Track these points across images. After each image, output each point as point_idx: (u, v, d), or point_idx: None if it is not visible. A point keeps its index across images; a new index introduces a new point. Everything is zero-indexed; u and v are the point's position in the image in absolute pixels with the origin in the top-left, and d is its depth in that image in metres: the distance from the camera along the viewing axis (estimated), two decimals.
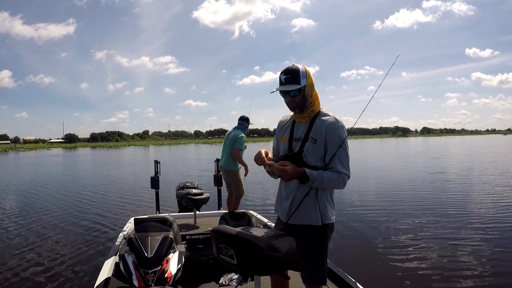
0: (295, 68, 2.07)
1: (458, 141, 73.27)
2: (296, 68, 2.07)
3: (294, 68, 2.07)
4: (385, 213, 8.40)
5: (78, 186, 14.99)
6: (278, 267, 1.81)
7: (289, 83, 2.07)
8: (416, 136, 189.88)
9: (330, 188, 2.11)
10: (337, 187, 2.08)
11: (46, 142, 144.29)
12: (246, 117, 5.71)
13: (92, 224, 7.91)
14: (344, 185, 2.07)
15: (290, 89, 2.06)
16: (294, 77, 2.06)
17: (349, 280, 2.90)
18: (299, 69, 2.07)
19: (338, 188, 2.10)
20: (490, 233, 6.51)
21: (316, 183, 2.02)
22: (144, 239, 3.28)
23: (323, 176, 2.01)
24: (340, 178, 2.04)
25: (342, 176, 2.04)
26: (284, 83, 2.08)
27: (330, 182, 2.03)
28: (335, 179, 2.03)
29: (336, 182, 2.04)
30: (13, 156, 49.87)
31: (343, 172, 2.05)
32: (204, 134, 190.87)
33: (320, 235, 2.13)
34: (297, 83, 2.06)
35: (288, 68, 2.09)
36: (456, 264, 5.07)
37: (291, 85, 2.06)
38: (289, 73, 2.06)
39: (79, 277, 4.86)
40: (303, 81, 2.07)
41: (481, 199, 9.99)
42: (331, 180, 2.02)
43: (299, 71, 2.06)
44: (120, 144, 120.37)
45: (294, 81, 2.06)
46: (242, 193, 5.62)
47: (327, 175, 2.02)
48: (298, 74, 2.05)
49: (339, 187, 2.07)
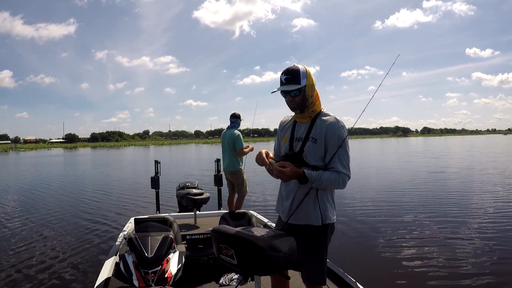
0: (295, 68, 2.09)
1: (459, 141, 73.24)
2: (297, 68, 2.09)
3: (294, 68, 2.09)
4: (385, 213, 8.40)
5: (78, 186, 15.00)
6: (278, 267, 1.81)
7: (290, 83, 2.08)
8: (416, 136, 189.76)
9: (330, 188, 2.11)
10: (337, 187, 2.08)
11: (46, 142, 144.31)
12: (237, 114, 5.72)
13: (92, 224, 7.91)
14: (344, 185, 2.06)
15: (290, 89, 2.07)
16: (294, 77, 2.07)
17: (349, 280, 2.89)
18: (300, 70, 2.08)
19: (338, 188, 2.09)
20: (491, 233, 6.50)
21: (316, 184, 2.01)
22: (144, 239, 3.28)
23: (322, 177, 2.01)
24: (340, 178, 2.04)
25: (342, 176, 2.04)
26: (284, 83, 2.10)
27: (329, 183, 2.02)
28: (335, 179, 2.03)
29: (336, 182, 2.03)
30: (13, 156, 49.90)
31: (343, 172, 2.04)
32: (204, 134, 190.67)
33: (320, 235, 2.13)
34: (297, 83, 2.07)
35: (288, 69, 2.10)
36: (457, 264, 5.07)
37: (291, 85, 2.07)
38: (290, 73, 2.08)
39: (79, 276, 4.86)
40: (303, 81, 2.08)
41: (482, 199, 9.98)
42: (330, 181, 2.02)
43: (299, 72, 2.07)
44: (121, 144, 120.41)
45: (295, 81, 2.07)
46: (246, 192, 5.66)
47: (326, 175, 2.02)
48: (299, 74, 2.07)
49: (339, 187, 2.07)
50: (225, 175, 5.79)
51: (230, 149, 5.53)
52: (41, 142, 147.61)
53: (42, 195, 12.58)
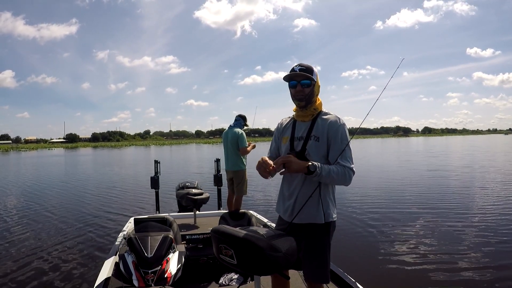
0: (309, 65, 2.18)
1: (459, 141, 73.12)
2: (310, 65, 2.18)
3: (308, 65, 2.18)
4: (386, 213, 8.37)
5: (78, 186, 14.99)
6: (278, 267, 1.81)
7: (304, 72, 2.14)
8: (417, 136, 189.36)
9: (336, 182, 2.08)
10: (343, 181, 2.05)
11: (47, 142, 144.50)
12: (244, 115, 5.70)
13: (92, 224, 7.90)
14: (349, 179, 2.05)
15: (305, 75, 2.12)
16: (308, 70, 2.15)
17: (349, 280, 2.89)
18: (313, 67, 2.18)
19: (344, 183, 2.07)
20: (492, 234, 6.47)
21: (324, 176, 1.99)
22: (144, 239, 3.28)
23: (330, 169, 2.00)
24: (346, 172, 2.03)
25: (347, 171, 2.04)
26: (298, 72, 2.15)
27: (337, 175, 2.01)
28: (342, 172, 2.02)
29: (343, 175, 2.02)
30: (14, 156, 49.94)
31: (348, 166, 2.04)
32: (205, 134, 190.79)
33: (324, 233, 2.13)
34: (310, 74, 2.14)
35: (302, 63, 2.18)
36: (457, 264, 5.05)
37: (305, 74, 2.13)
38: (304, 66, 2.16)
39: (79, 276, 4.85)
40: (314, 77, 2.17)
41: (483, 199, 9.94)
42: (337, 173, 2.01)
43: (312, 68, 2.18)
44: (121, 144, 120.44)
45: (309, 72, 2.14)
46: (245, 193, 5.59)
47: (333, 168, 2.02)
48: (312, 70, 2.17)
49: (345, 181, 2.05)
50: (227, 175, 5.74)
51: (233, 148, 5.47)
52: (42, 142, 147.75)
53: (41, 195, 12.57)
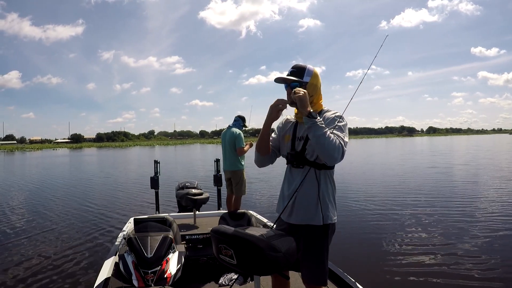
0: (303, 65, 2.17)
1: (464, 141, 72.72)
2: (304, 65, 2.17)
3: (302, 65, 2.18)
4: (386, 213, 8.32)
5: (78, 186, 15.05)
6: (278, 267, 1.82)
7: (292, 76, 2.14)
8: (422, 135, 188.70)
9: (326, 146, 1.91)
10: (332, 149, 1.91)
11: (52, 142, 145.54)
12: (243, 116, 5.69)
13: (91, 224, 7.91)
14: (338, 152, 1.92)
15: (290, 78, 2.12)
16: (299, 72, 2.14)
17: (349, 280, 2.88)
18: (306, 67, 2.16)
19: (332, 153, 1.91)
20: (494, 235, 6.40)
21: (319, 126, 1.92)
22: (143, 239, 3.27)
23: (326, 129, 1.94)
24: (338, 140, 1.94)
25: (339, 140, 1.95)
26: (288, 75, 2.15)
27: (329, 138, 1.90)
28: (334, 138, 1.92)
29: (333, 142, 1.90)
30: (18, 157, 50.31)
31: (341, 137, 1.98)
32: (209, 134, 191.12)
33: (321, 235, 2.11)
34: (299, 77, 2.13)
35: (296, 64, 2.19)
36: (458, 265, 5.00)
37: (292, 77, 2.13)
38: (296, 68, 2.17)
39: (79, 277, 4.85)
40: (306, 78, 2.14)
41: (484, 199, 9.85)
42: (330, 137, 1.91)
43: (305, 69, 2.15)
44: (126, 144, 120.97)
45: (298, 75, 2.13)
46: (244, 193, 5.56)
47: (328, 132, 1.94)
48: (304, 71, 2.14)
49: (334, 150, 1.91)
50: (225, 175, 5.72)
51: (231, 149, 5.46)
52: (46, 142, 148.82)
53: (42, 195, 12.62)
